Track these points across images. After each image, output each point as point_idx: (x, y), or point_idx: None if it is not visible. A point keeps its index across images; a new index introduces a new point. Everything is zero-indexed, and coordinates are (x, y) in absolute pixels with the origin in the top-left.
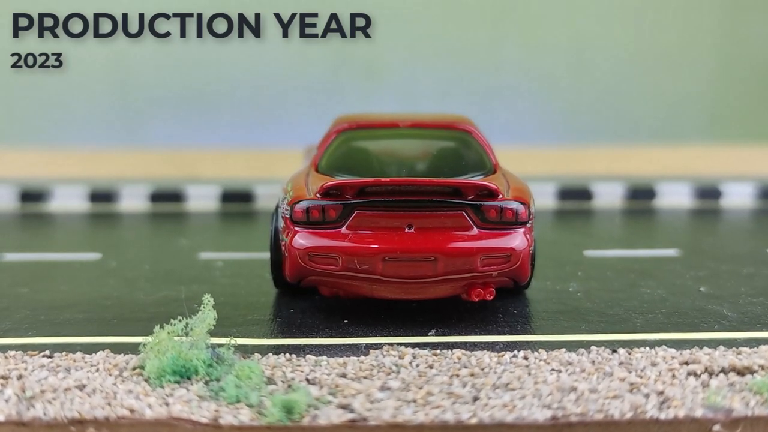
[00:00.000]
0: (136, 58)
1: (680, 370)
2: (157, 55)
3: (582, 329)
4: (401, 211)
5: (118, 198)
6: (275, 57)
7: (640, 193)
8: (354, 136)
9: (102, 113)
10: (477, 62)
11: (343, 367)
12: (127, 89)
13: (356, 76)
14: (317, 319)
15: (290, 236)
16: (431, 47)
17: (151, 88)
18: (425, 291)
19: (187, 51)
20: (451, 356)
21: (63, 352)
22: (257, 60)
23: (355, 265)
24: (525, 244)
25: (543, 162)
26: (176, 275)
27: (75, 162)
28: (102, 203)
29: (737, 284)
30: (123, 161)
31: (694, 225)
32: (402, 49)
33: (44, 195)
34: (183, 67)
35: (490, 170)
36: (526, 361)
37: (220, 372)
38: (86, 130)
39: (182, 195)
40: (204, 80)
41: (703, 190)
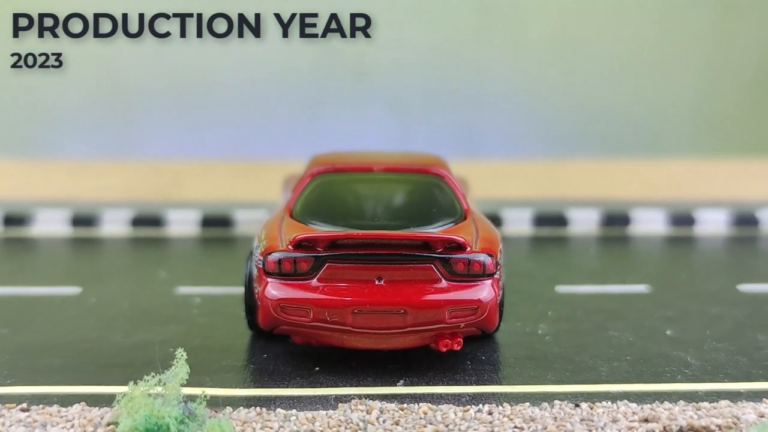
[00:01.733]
0: (131, 61)
1: (639, 429)
2: (152, 59)
3: (548, 378)
4: (371, 263)
5: (99, 222)
6: (264, 59)
7: (615, 220)
8: (328, 180)
9: (89, 123)
10: (464, 68)
11: (312, 423)
12: (118, 96)
13: (345, 79)
14: (289, 366)
15: (263, 286)
16: (420, 51)
17: (142, 95)
18: (394, 341)
19: (184, 52)
20: (417, 411)
21: (40, 405)
22: (246, 63)
23: (325, 317)
24: (492, 296)
25: (523, 179)
26: (154, 314)
27: (58, 176)
28: (84, 228)
29: (704, 326)
30: (108, 174)
31: (667, 256)
32: (392, 52)
33: (26, 219)
34: (177, 71)
35: (460, 216)
36: (491, 416)
37: (191, 429)
38: (71, 140)
39: (163, 219)
40: (195, 86)
41: (677, 218)
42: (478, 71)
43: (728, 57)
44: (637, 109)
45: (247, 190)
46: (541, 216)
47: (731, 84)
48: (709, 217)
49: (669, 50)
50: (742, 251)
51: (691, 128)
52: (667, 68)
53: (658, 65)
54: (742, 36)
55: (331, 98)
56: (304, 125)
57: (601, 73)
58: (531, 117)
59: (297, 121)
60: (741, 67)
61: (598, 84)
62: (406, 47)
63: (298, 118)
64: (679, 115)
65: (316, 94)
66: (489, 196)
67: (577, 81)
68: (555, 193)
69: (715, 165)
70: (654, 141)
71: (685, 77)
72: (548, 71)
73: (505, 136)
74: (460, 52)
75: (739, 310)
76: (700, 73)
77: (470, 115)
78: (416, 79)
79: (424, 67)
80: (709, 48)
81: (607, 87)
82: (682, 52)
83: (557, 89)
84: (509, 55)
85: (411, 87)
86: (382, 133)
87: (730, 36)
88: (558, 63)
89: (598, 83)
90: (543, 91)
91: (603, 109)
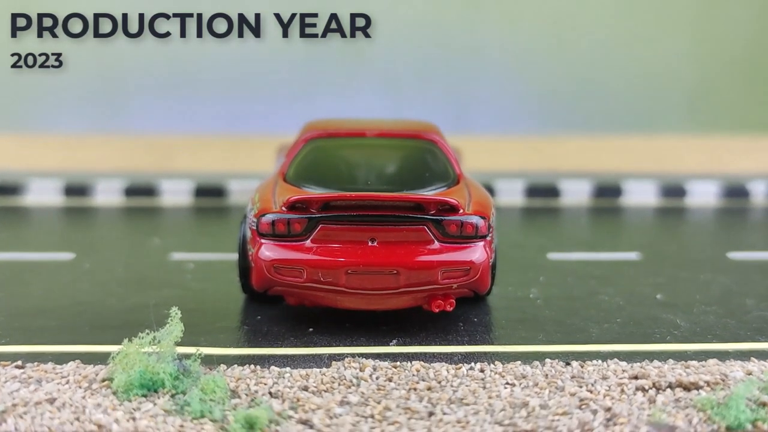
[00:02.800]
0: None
1: (629, 385)
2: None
3: (539, 339)
4: (365, 225)
5: (93, 192)
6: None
7: (606, 191)
8: (322, 145)
9: (83, 98)
10: (456, 46)
11: (305, 380)
12: (110, 75)
13: (338, 58)
14: (283, 327)
15: (257, 248)
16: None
17: (135, 76)
18: (387, 302)
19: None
20: (410, 368)
21: (35, 363)
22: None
23: (319, 278)
24: (484, 257)
25: (515, 153)
26: (148, 279)
27: (52, 149)
28: (77, 197)
29: (693, 291)
30: (101, 148)
31: (658, 226)
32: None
33: (20, 188)
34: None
35: (453, 181)
36: (482, 374)
37: (186, 385)
38: (65, 115)
39: (157, 189)
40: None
41: (669, 189)
42: (471, 48)
43: (719, 35)
44: (629, 87)
45: (240, 164)
46: (533, 187)
47: (722, 62)
48: (700, 188)
49: (660, 28)
50: (733, 221)
51: (683, 105)
52: (659, 46)
53: (650, 43)
54: (732, 14)
55: (324, 76)
56: (299, 104)
57: (593, 50)
58: (524, 94)
59: (290, 100)
60: (732, 45)
61: (591, 61)
62: (400, 23)
63: (292, 97)
64: (670, 92)
65: (310, 73)
66: (481, 168)
67: (569, 58)
68: (547, 166)
69: (706, 142)
70: (646, 118)
71: (677, 55)
72: (541, 49)
73: (497, 113)
74: (453, 28)
75: (728, 277)
76: (691, 51)
77: (463, 92)
78: (409, 56)
79: (416, 43)
80: (700, 26)
81: (599, 64)
82: (673, 29)
83: (550, 67)
84: (502, 32)
85: (404, 64)
86: (375, 109)
87: (720, 14)
88: (551, 41)
89: (591, 61)
90: (536, 69)
91: (595, 86)
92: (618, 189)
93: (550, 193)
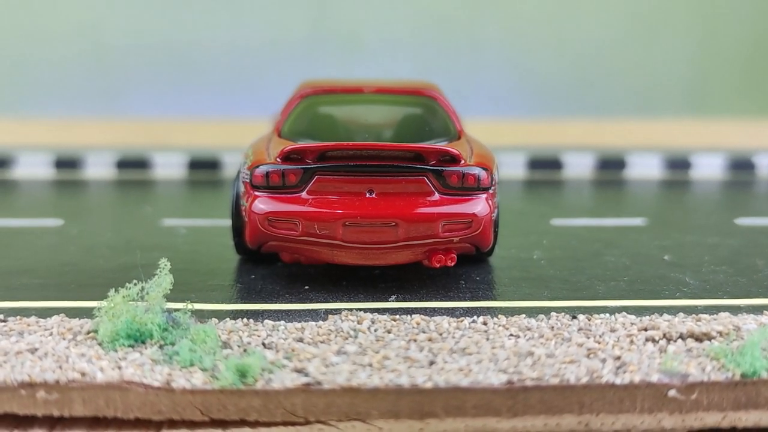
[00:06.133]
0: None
1: (638, 336)
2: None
3: (543, 296)
4: (362, 175)
5: (83, 165)
6: (252, 22)
7: (610, 164)
8: (318, 102)
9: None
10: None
11: (301, 332)
12: (102, 56)
13: (335, 46)
14: (278, 285)
15: (250, 201)
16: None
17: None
18: (386, 257)
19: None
20: (410, 321)
21: (17, 317)
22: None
23: (315, 231)
24: (487, 210)
25: (516, 133)
26: (138, 242)
27: (43, 130)
28: (67, 170)
29: (701, 253)
30: (93, 129)
31: (663, 196)
32: (381, 17)
33: (8, 162)
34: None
35: (454, 136)
36: (485, 326)
37: (175, 336)
38: (57, 98)
39: (149, 162)
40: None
41: (673, 162)
42: (471, 35)
43: (721, 20)
44: (630, 71)
45: (235, 143)
46: (535, 159)
47: (725, 46)
48: (706, 161)
49: (662, 12)
50: (739, 191)
51: (685, 89)
52: (660, 30)
53: (652, 27)
54: (734, 3)
55: (321, 64)
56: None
57: (594, 35)
58: (524, 79)
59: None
60: (734, 29)
61: (592, 46)
62: (398, 10)
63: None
64: (672, 76)
65: (308, 61)
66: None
67: (571, 42)
68: (548, 141)
69: (707, 126)
70: (647, 102)
71: (679, 39)
72: (542, 34)
73: (497, 98)
74: (452, 14)
75: (735, 240)
76: (693, 35)
77: (462, 78)
78: (407, 42)
79: (415, 28)
80: (703, 11)
81: (600, 49)
82: (675, 14)
83: (550, 51)
84: (503, 19)
85: (401, 50)
86: None
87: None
88: (552, 26)
89: (592, 45)
90: (536, 53)
91: (597, 71)
92: (622, 162)
93: (552, 166)
